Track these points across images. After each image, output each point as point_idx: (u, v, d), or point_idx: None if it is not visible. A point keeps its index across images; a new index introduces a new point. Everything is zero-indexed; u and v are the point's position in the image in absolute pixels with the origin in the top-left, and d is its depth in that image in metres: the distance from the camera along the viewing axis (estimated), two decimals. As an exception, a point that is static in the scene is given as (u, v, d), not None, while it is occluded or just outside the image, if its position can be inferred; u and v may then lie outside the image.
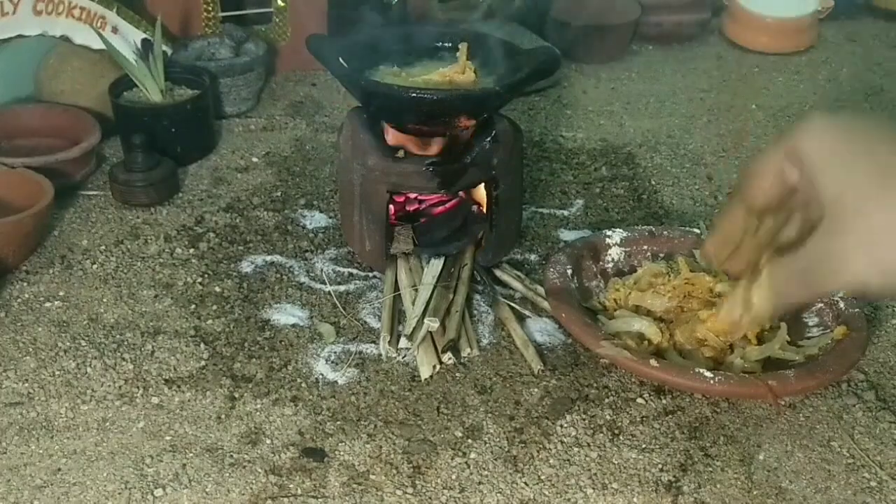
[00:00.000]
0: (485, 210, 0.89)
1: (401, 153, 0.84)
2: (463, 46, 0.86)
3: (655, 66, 1.45)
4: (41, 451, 0.70)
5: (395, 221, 0.89)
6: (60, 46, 1.14)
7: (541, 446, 0.71)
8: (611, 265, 0.88)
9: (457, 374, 0.78)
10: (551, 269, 0.83)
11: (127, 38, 1.16)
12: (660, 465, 0.70)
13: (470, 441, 0.72)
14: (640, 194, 1.07)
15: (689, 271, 0.82)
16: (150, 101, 1.09)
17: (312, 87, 1.33)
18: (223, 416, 0.74)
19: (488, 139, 0.85)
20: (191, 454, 0.70)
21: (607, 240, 0.89)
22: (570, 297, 0.80)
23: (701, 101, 1.33)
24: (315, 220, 1.00)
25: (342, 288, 0.89)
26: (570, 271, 0.84)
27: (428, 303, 0.82)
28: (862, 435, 0.73)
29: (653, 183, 1.10)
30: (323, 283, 0.90)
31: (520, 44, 0.91)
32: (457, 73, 0.85)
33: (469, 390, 0.77)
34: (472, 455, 0.70)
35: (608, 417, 0.74)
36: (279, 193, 1.05)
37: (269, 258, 0.93)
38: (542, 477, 0.68)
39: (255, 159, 1.13)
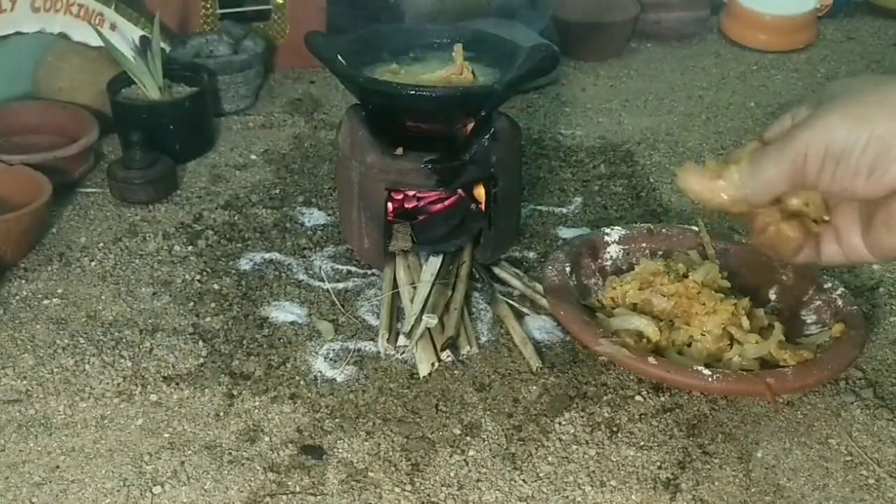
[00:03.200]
0: (483, 208, 0.89)
1: (399, 151, 0.84)
2: (458, 48, 0.86)
3: (654, 63, 1.45)
4: (39, 449, 0.70)
5: (394, 219, 0.89)
6: (58, 44, 1.14)
7: (539, 444, 0.71)
8: (609, 263, 0.88)
9: (455, 372, 0.78)
10: (550, 267, 0.83)
11: (125, 36, 1.16)
12: (658, 463, 0.70)
13: (468, 439, 0.72)
14: (639, 192, 1.07)
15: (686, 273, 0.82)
16: (148, 99, 1.09)
17: (311, 84, 1.33)
18: (222, 414, 0.74)
19: (487, 137, 0.85)
20: (189, 451, 0.70)
21: (606, 237, 0.89)
22: (569, 295, 0.80)
23: (700, 98, 1.33)
24: (314, 217, 1.00)
25: (341, 285, 0.89)
26: (568, 269, 0.84)
27: (426, 300, 0.82)
28: (860, 432, 0.73)
29: (651, 180, 1.10)
30: (321, 280, 0.90)
31: (518, 41, 0.91)
32: (454, 73, 0.85)
33: (468, 388, 0.77)
34: (471, 452, 0.70)
35: (606, 415, 0.74)
36: (278, 191, 1.05)
37: (267, 256, 0.93)
38: (541, 474, 0.68)
39: (253, 157, 1.13)
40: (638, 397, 0.76)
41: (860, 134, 0.48)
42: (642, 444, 0.71)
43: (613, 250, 0.89)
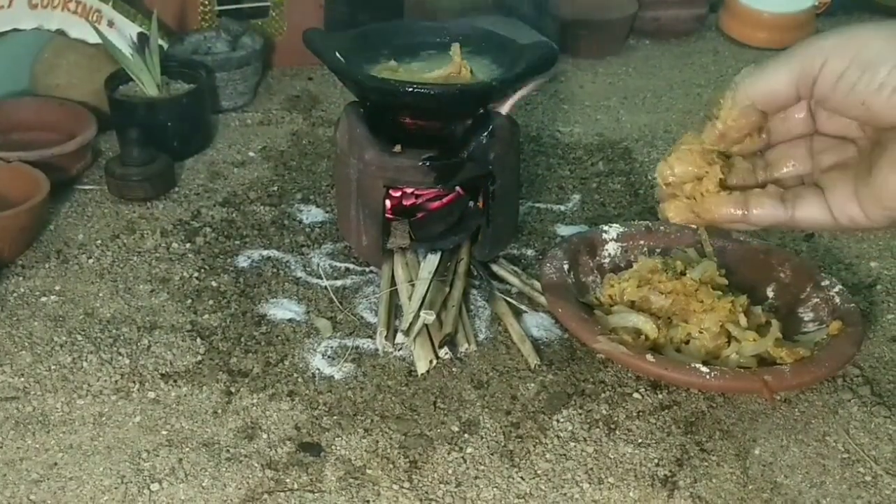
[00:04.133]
0: (481, 205, 0.89)
1: (397, 148, 0.84)
2: (455, 47, 0.86)
3: (653, 61, 1.45)
4: (37, 446, 0.70)
5: (392, 216, 0.89)
6: (56, 40, 1.14)
7: (537, 441, 0.71)
8: (607, 260, 0.88)
9: (453, 369, 0.78)
10: (548, 264, 0.83)
11: (123, 32, 1.16)
12: (656, 460, 0.70)
13: (466, 436, 0.72)
14: (637, 189, 1.07)
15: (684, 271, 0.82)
16: (146, 96, 1.08)
17: (309, 81, 1.33)
18: (220, 411, 0.74)
19: (485, 134, 0.85)
20: (187, 449, 0.70)
21: (604, 235, 0.89)
22: (567, 293, 0.80)
23: (698, 96, 1.33)
24: (312, 214, 1.00)
25: (339, 283, 0.89)
26: (566, 266, 0.84)
27: (424, 297, 0.82)
28: (857, 430, 0.73)
29: (649, 178, 1.10)
30: (319, 277, 0.90)
31: (517, 39, 0.91)
32: (452, 73, 0.85)
33: (465, 385, 0.77)
34: (469, 450, 0.70)
35: (604, 412, 0.74)
36: (276, 188, 1.05)
37: (265, 253, 0.93)
38: (539, 472, 0.69)
39: (251, 154, 1.13)
40: (636, 394, 0.76)
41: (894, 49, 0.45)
42: (640, 441, 0.72)
43: (611, 248, 0.89)
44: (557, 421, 0.73)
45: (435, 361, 0.78)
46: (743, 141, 0.54)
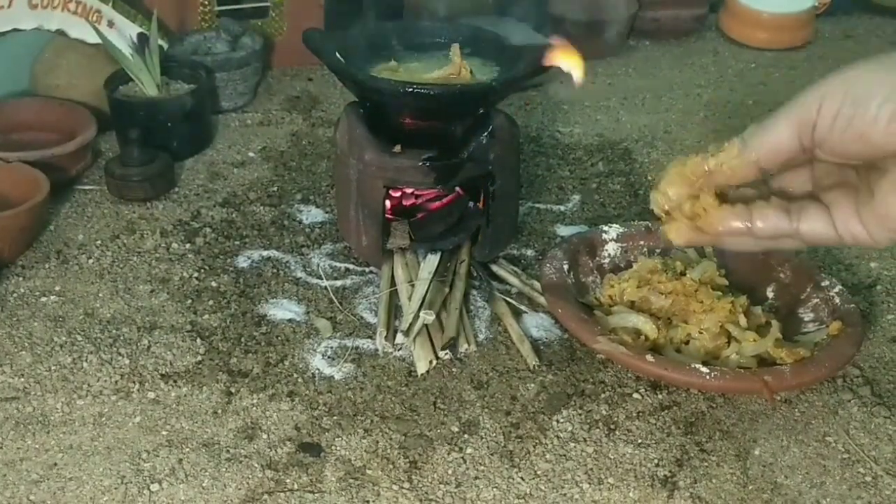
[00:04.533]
0: (481, 205, 0.89)
1: (397, 148, 0.84)
2: (455, 48, 0.86)
3: (652, 61, 1.45)
4: (37, 446, 0.70)
5: (392, 216, 0.89)
6: (56, 40, 1.14)
7: (537, 441, 0.71)
8: (607, 261, 0.88)
9: (453, 370, 0.78)
10: (548, 265, 0.83)
11: (123, 33, 1.15)
12: (656, 461, 0.70)
13: (466, 436, 0.72)
14: (637, 190, 1.07)
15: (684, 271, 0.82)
16: (146, 96, 1.08)
17: (309, 81, 1.33)
18: (219, 411, 0.74)
19: (485, 134, 0.85)
20: (187, 449, 0.70)
21: (604, 235, 0.89)
22: (567, 293, 0.80)
23: (698, 96, 1.33)
24: (311, 215, 1.00)
25: (339, 283, 0.89)
26: (566, 267, 0.84)
27: (424, 298, 0.82)
28: (857, 430, 0.73)
29: (649, 178, 1.10)
30: (319, 278, 0.90)
31: (516, 39, 0.91)
32: (451, 74, 0.85)
33: (465, 385, 0.77)
34: (469, 450, 0.70)
35: (604, 412, 0.74)
36: (275, 188, 1.05)
37: (265, 253, 0.93)
38: (539, 472, 0.69)
39: (251, 154, 1.13)
40: (636, 395, 0.76)
41: (884, 81, 0.46)
42: (640, 441, 0.72)
43: (611, 248, 0.89)
44: (557, 421, 0.73)
45: (435, 362, 0.78)
46: (727, 190, 0.54)
